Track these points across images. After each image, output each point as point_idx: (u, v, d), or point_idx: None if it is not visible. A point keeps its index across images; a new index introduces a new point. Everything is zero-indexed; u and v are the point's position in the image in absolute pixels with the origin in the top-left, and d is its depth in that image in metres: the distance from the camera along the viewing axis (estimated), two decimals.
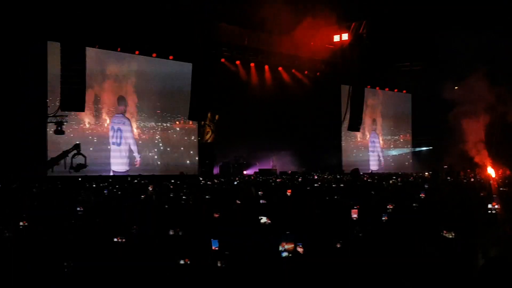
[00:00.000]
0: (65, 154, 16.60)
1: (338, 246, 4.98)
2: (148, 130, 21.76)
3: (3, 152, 16.21)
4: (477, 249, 4.98)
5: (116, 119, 20.55)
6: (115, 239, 5.51)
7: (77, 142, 17.42)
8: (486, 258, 4.56)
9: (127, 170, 20.42)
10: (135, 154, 20.95)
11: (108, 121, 20.40)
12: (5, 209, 7.81)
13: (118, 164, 20.35)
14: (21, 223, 6.20)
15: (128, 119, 20.93)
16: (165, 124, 22.34)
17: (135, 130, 21.30)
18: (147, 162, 21.47)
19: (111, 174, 19.53)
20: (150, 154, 21.76)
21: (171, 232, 6.03)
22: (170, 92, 22.30)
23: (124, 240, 5.52)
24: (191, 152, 23.17)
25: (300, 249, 4.60)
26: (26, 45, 17.07)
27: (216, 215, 7.21)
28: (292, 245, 4.76)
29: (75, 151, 16.85)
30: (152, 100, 21.85)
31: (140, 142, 21.39)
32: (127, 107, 21.14)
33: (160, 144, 22.11)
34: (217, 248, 4.83)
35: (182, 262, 4.64)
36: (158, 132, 22.08)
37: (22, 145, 16.82)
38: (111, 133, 20.29)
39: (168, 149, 22.37)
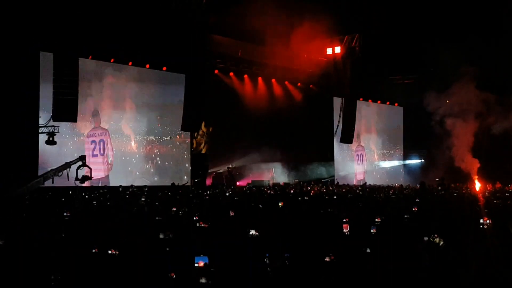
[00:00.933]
0: (67, 165, 16.34)
1: (327, 260, 4.98)
2: (147, 143, 21.66)
3: None
4: (466, 260, 5.02)
5: (97, 131, 20.40)
6: (109, 251, 5.48)
7: (83, 154, 17.29)
8: (475, 269, 4.60)
9: (107, 175, 20.31)
10: (111, 159, 20.80)
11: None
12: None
13: (98, 170, 20.16)
14: None
15: (107, 130, 20.78)
16: (164, 138, 22.14)
17: (133, 144, 21.26)
18: (142, 174, 21.36)
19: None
20: (147, 166, 21.68)
21: (161, 236, 6.03)
22: (166, 104, 22.18)
23: (117, 252, 5.49)
24: (187, 165, 23.02)
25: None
26: (19, 55, 17.01)
27: (205, 225, 7.16)
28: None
29: (80, 163, 16.63)
30: (149, 113, 21.66)
31: (137, 155, 21.30)
32: (127, 114, 21.10)
33: (158, 158, 21.99)
34: (202, 265, 4.76)
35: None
36: (155, 145, 21.93)
37: (14, 155, 16.64)
38: (92, 146, 20.05)
39: (167, 163, 22.22)
